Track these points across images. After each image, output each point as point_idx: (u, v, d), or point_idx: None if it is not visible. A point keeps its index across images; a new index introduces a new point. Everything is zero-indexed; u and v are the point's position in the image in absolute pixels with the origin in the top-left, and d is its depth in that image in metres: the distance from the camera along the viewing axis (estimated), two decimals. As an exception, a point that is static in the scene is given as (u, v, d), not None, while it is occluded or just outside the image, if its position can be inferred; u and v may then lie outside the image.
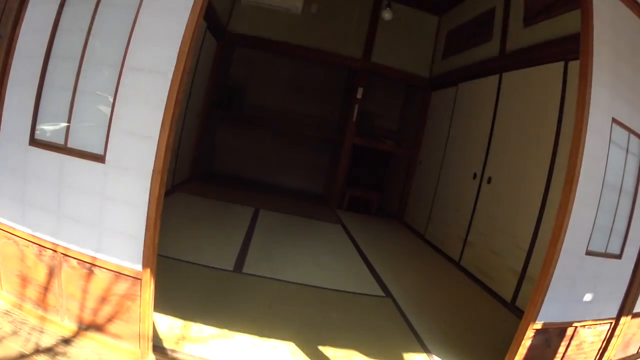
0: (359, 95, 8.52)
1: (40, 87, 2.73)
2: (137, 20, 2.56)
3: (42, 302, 2.85)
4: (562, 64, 4.70)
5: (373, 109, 10.02)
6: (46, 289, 2.82)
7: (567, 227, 2.71)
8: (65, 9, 2.74)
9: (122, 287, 2.66)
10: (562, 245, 2.71)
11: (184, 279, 3.86)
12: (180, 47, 2.47)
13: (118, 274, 2.64)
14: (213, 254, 4.63)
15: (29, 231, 2.78)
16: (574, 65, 4.46)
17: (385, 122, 10.26)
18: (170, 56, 2.47)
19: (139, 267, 2.59)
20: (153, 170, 2.49)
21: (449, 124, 7.40)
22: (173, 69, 2.46)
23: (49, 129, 2.76)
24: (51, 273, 2.77)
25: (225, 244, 5.06)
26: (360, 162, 9.86)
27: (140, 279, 2.60)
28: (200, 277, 4.00)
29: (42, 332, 2.76)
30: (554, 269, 2.74)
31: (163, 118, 2.47)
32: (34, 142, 2.74)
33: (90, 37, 2.65)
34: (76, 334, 2.78)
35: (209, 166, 9.89)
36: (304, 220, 7.23)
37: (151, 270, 2.59)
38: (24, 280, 2.89)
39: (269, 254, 4.99)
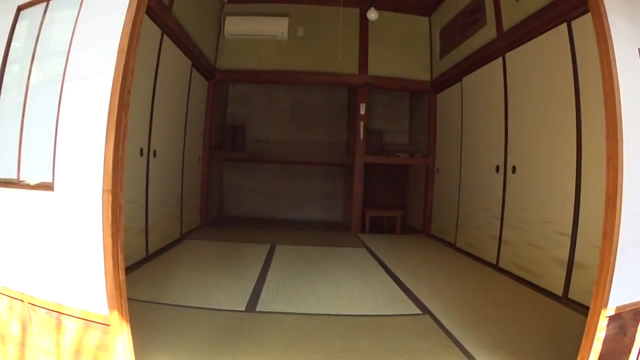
0: (362, 112, 8.31)
1: None
2: (76, 28, 2.40)
3: None
4: (564, 25, 4.42)
5: (380, 124, 9.86)
6: (22, 345, 2.56)
7: (622, 181, 2.21)
8: (14, 37, 2.71)
9: (93, 337, 2.35)
10: (621, 205, 2.22)
11: (189, 327, 3.46)
12: (119, 44, 2.23)
13: (87, 322, 2.34)
14: (224, 295, 4.25)
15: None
16: (578, 23, 4.23)
17: (395, 136, 10.03)
18: (110, 56, 2.24)
19: (105, 310, 2.27)
20: (102, 190, 2.20)
21: (460, 123, 7.08)
22: (114, 68, 2.22)
23: (4, 164, 2.63)
24: (24, 327, 2.53)
25: (237, 283, 4.66)
26: (377, 181, 9.63)
27: (109, 325, 2.27)
28: (209, 322, 3.59)
29: None
30: (618, 236, 2.24)
31: (107, 125, 2.20)
32: None
33: (35, 61, 2.57)
34: None
35: (221, 211, 9.74)
36: (324, 249, 6.82)
37: (120, 313, 2.25)
38: (2, 338, 2.66)
39: (287, 288, 4.59)
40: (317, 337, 3.39)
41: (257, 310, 3.93)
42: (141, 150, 5.00)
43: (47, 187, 2.36)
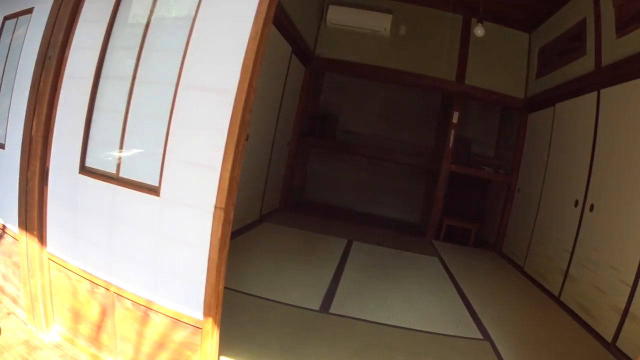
0: (454, 120, 8.28)
1: (90, 111, 2.65)
2: (193, 32, 2.39)
3: (95, 340, 2.76)
4: None
5: (468, 135, 9.76)
6: (99, 327, 2.73)
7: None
8: (115, 26, 2.66)
9: (180, 335, 2.48)
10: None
11: (262, 319, 3.66)
12: (244, 61, 2.25)
13: (176, 321, 2.47)
14: (298, 291, 4.43)
15: (81, 266, 2.71)
16: None
17: (481, 147, 9.91)
18: (233, 71, 2.25)
19: (199, 315, 2.40)
20: (215, 207, 2.27)
21: (548, 148, 6.97)
22: (236, 86, 2.24)
23: (101, 156, 2.66)
24: (104, 312, 2.68)
25: (312, 279, 4.85)
26: (457, 190, 9.53)
27: (201, 329, 2.40)
28: (282, 317, 3.78)
29: None
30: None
31: (226, 144, 2.25)
32: (84, 170, 2.66)
33: (143, 53, 2.53)
34: None
35: (300, 195, 9.88)
36: (398, 252, 6.95)
37: (214, 320, 2.39)
38: (77, 316, 2.82)
39: (359, 292, 4.72)
40: (384, 348, 3.55)
41: (330, 311, 4.08)
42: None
43: (153, 190, 2.41)
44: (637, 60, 4.65)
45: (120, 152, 2.56)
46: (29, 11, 3.21)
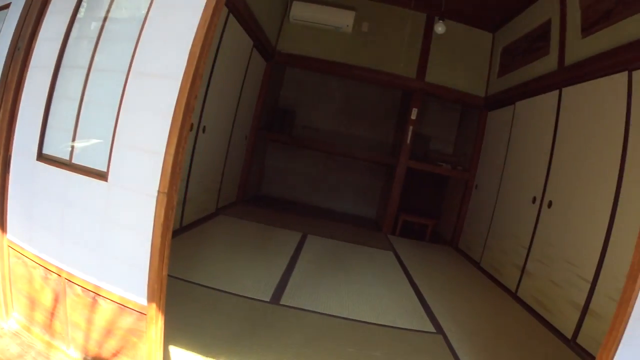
0: (413, 117, 8.33)
1: (49, 99, 2.65)
2: (146, 21, 2.39)
3: (48, 328, 2.71)
4: (625, 74, 4.35)
5: (428, 131, 9.86)
6: (52, 314, 2.69)
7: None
8: (78, 16, 2.69)
9: (127, 321, 2.44)
10: (644, 281, 2.31)
11: (213, 310, 3.60)
12: (191, 49, 2.24)
13: (123, 307, 2.43)
14: (250, 282, 4.37)
15: (36, 252, 2.68)
16: (639, 75, 4.16)
17: (440, 144, 10.01)
18: (181, 58, 2.24)
19: (144, 300, 2.35)
20: (158, 191, 2.24)
21: (507, 145, 7.05)
22: (183, 72, 2.22)
23: (57, 143, 2.66)
24: (57, 298, 2.63)
25: (265, 271, 4.78)
26: (415, 186, 9.63)
27: (146, 314, 2.36)
28: (233, 307, 3.73)
29: (47, 358, 2.64)
30: (632, 309, 2.33)
31: (170, 129, 2.23)
32: (41, 157, 2.66)
33: (100, 43, 2.55)
34: None
35: (257, 189, 9.85)
36: (353, 246, 6.92)
37: (158, 306, 2.34)
38: (33, 303, 2.78)
39: (312, 284, 4.70)
40: (334, 340, 3.50)
41: (281, 303, 4.03)
42: (191, 125, 5.08)
43: (101, 176, 2.39)
44: (602, 59, 4.71)
45: (74, 138, 2.56)
46: (7, 6, 3.20)
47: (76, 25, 2.70)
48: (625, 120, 4.26)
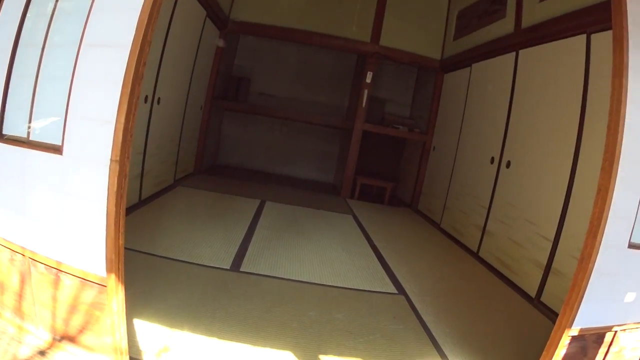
0: (368, 80, 8.26)
1: (7, 80, 2.56)
2: None
3: (18, 311, 2.64)
4: (583, 37, 4.36)
5: (383, 95, 9.85)
6: (20, 296, 2.61)
7: (608, 215, 2.30)
8: None
9: (89, 295, 2.39)
10: (602, 236, 2.31)
11: (174, 281, 3.55)
12: (139, 16, 2.18)
13: (84, 280, 2.38)
14: (210, 251, 4.33)
15: (1, 234, 2.59)
16: (598, 38, 4.18)
17: (397, 107, 10.00)
18: (129, 27, 2.19)
19: (103, 272, 2.31)
20: (110, 160, 2.20)
21: (463, 107, 7.08)
22: (132, 40, 2.18)
23: (16, 122, 2.58)
24: (23, 279, 2.56)
25: (224, 239, 4.73)
26: (372, 149, 9.65)
27: (106, 286, 2.32)
28: (193, 277, 3.68)
29: (20, 342, 2.56)
30: (593, 265, 2.34)
31: (120, 97, 2.18)
32: (2, 137, 2.57)
33: (55, 18, 2.47)
34: (51, 345, 2.53)
35: (215, 159, 9.75)
36: (312, 211, 6.92)
37: (117, 276, 2.29)
38: (2, 287, 2.69)
39: (272, 250, 4.68)
40: (296, 304, 3.50)
41: (241, 270, 4.01)
42: (146, 97, 5.01)
43: (56, 150, 2.35)
44: (559, 22, 4.72)
45: (32, 115, 2.50)
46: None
47: (33, 4, 2.60)
48: (583, 81, 4.28)
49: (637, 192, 2.46)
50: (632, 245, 2.52)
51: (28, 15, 2.57)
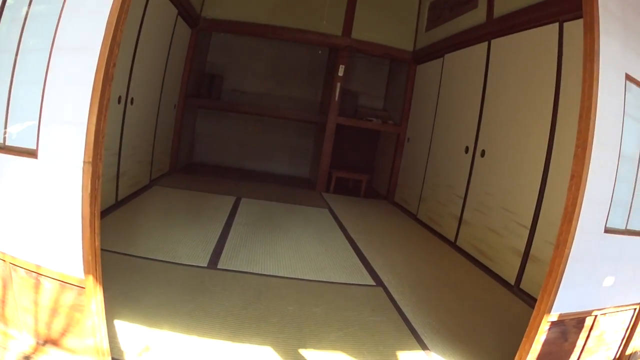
0: (340, 73, 8.27)
1: None
2: None
3: (2, 317, 2.61)
4: (556, 25, 4.38)
5: (356, 88, 9.88)
6: (3, 302, 2.58)
7: (582, 200, 2.31)
8: (8, 3, 2.54)
9: (69, 297, 2.38)
10: (577, 222, 2.33)
11: (152, 280, 3.52)
12: (108, 18, 2.18)
13: (63, 283, 2.37)
14: (187, 249, 4.30)
15: None
16: (570, 27, 4.20)
17: (370, 100, 10.04)
18: (99, 29, 2.20)
19: (81, 274, 2.30)
20: (83, 161, 2.20)
21: (437, 98, 7.11)
22: (101, 42, 2.18)
23: None
24: (5, 285, 2.53)
25: (200, 237, 4.70)
26: (347, 143, 9.69)
27: (85, 288, 2.31)
28: (171, 276, 3.65)
29: (4, 348, 2.55)
30: (569, 251, 2.36)
31: (91, 99, 2.18)
32: None
33: (28, 23, 2.43)
34: (35, 350, 2.52)
35: (190, 158, 9.68)
36: (288, 206, 6.90)
37: (95, 277, 2.29)
38: None
39: (248, 246, 4.66)
40: (274, 300, 3.49)
41: (218, 267, 4.00)
42: (119, 98, 4.94)
43: (31, 154, 2.34)
44: (532, 11, 4.73)
45: (7, 121, 2.45)
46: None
47: (7, 8, 2.56)
48: (556, 69, 4.31)
49: (611, 178, 2.48)
50: (608, 230, 2.54)
51: (2, 20, 2.54)
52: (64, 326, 2.44)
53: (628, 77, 2.52)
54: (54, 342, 2.48)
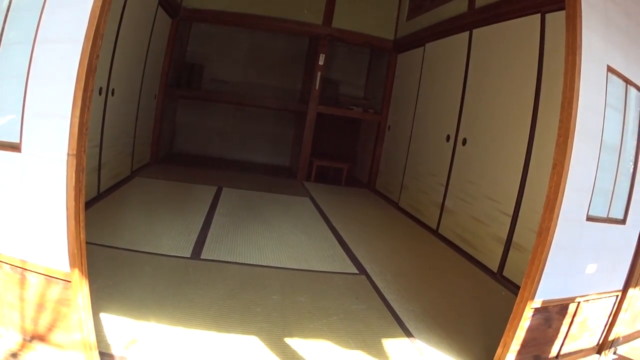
0: (320, 62, 8.25)
1: None
2: None
3: None
4: (538, 16, 4.40)
5: (337, 76, 9.84)
6: None
7: (564, 189, 2.34)
8: None
9: (55, 291, 2.37)
10: (559, 210, 2.36)
11: (136, 272, 3.50)
12: (91, 9, 2.16)
13: (49, 278, 2.35)
14: (170, 240, 4.28)
15: None
16: (552, 18, 4.22)
17: (351, 88, 10.02)
18: (82, 21, 2.17)
19: (67, 268, 2.28)
20: (67, 154, 2.18)
21: (418, 87, 7.13)
22: (84, 34, 2.16)
23: None
24: None
25: (183, 228, 4.69)
26: (328, 131, 9.65)
27: (71, 281, 2.29)
28: (155, 267, 3.64)
29: None
30: (552, 238, 2.39)
31: (75, 91, 2.15)
32: None
33: (10, 15, 2.38)
34: (22, 347, 2.50)
35: (171, 148, 9.65)
36: (269, 195, 6.90)
37: (80, 270, 2.27)
38: None
39: (231, 236, 4.67)
40: (258, 289, 3.50)
41: (202, 257, 4.00)
42: (100, 89, 4.89)
43: (15, 147, 2.31)
44: (512, 1, 4.74)
45: None
46: None
47: None
48: (538, 59, 4.34)
49: (593, 167, 2.52)
50: (590, 218, 2.58)
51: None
52: (51, 321, 2.42)
53: (610, 69, 2.55)
54: (41, 338, 2.46)
